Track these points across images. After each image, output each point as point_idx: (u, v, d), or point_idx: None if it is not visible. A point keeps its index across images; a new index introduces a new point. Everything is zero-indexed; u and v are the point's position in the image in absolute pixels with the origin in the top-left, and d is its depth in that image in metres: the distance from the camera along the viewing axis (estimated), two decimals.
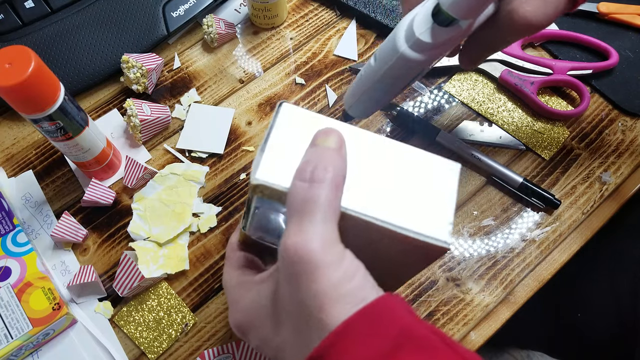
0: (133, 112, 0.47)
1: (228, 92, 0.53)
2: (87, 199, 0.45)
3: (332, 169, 0.26)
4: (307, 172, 0.26)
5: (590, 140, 0.49)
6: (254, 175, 0.29)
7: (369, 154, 0.30)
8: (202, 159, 0.49)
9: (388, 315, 0.25)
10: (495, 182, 0.48)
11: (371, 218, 0.28)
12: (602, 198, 0.47)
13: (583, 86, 0.50)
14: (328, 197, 0.26)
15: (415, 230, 0.28)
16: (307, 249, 0.25)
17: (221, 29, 0.53)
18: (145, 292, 0.44)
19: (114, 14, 0.53)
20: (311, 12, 0.57)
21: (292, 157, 0.29)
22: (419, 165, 0.30)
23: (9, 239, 0.44)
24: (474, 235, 0.46)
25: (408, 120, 0.49)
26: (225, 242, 0.46)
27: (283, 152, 0.29)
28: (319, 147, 0.27)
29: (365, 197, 0.29)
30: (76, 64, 0.51)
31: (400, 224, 0.28)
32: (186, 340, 0.43)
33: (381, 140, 0.30)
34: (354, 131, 0.30)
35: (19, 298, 0.41)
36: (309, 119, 0.30)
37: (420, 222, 0.28)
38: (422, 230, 0.28)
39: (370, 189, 0.29)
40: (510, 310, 0.43)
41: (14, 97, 0.36)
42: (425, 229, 0.28)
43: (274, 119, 0.30)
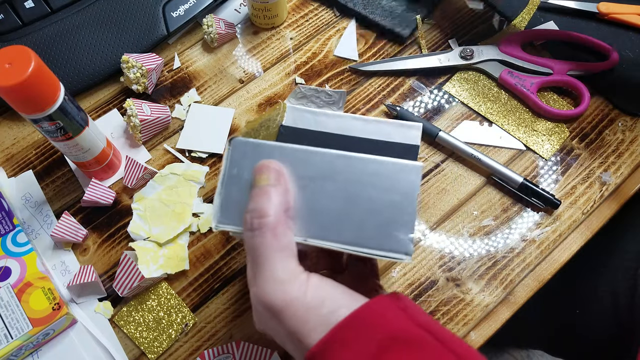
0: (133, 112, 0.47)
1: (228, 92, 0.53)
2: (87, 199, 0.45)
3: (270, 212, 0.27)
4: (247, 222, 0.28)
5: (590, 140, 0.49)
6: (214, 222, 0.29)
7: (322, 173, 0.29)
8: (202, 159, 0.49)
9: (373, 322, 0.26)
10: (495, 182, 0.48)
11: (328, 244, 0.28)
12: (602, 198, 0.47)
13: (583, 86, 0.50)
14: (269, 242, 0.27)
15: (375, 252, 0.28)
16: (266, 298, 0.27)
17: (221, 29, 0.53)
18: (145, 292, 0.44)
19: (114, 14, 0.53)
20: (311, 12, 0.57)
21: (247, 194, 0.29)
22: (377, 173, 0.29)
23: (9, 239, 0.44)
24: (474, 235, 0.46)
25: (408, 120, 0.49)
26: (225, 242, 0.46)
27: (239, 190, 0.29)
28: (256, 189, 0.28)
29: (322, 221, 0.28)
30: (76, 64, 0.51)
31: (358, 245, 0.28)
32: (186, 340, 0.43)
33: (336, 156, 0.29)
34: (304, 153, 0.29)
35: (19, 298, 0.41)
36: (261, 149, 0.30)
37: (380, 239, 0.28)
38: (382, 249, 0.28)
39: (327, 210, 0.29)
40: (510, 310, 0.43)
41: (14, 97, 0.36)
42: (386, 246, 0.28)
43: (226, 157, 0.30)
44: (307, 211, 0.29)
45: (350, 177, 0.29)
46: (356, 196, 0.29)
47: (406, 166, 0.29)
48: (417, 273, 0.45)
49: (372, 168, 0.29)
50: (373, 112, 0.51)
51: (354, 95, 0.52)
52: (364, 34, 0.56)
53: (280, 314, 0.26)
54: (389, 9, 0.55)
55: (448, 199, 0.47)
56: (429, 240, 0.46)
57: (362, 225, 0.28)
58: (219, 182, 0.30)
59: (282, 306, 0.26)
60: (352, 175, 0.29)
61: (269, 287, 0.27)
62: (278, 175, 0.29)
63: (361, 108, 0.51)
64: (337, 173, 0.29)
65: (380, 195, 0.28)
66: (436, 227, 0.46)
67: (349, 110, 0.51)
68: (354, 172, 0.29)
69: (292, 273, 0.27)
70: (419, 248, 0.45)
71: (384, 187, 0.28)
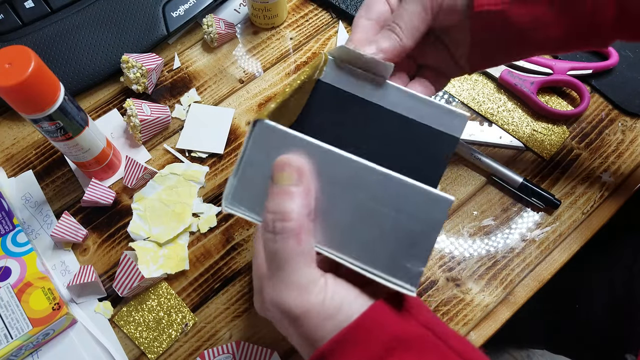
0: (133, 112, 0.47)
1: (228, 92, 0.53)
2: (87, 199, 0.45)
3: (293, 215, 0.26)
4: (269, 224, 0.27)
5: (590, 140, 0.49)
6: (224, 202, 0.28)
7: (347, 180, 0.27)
8: (202, 159, 0.49)
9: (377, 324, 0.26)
10: (495, 182, 0.48)
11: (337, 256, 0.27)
12: (602, 198, 0.47)
13: (583, 86, 0.50)
14: (292, 248, 0.26)
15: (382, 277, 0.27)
16: (283, 303, 0.26)
17: (221, 29, 0.53)
18: (145, 292, 0.44)
19: (114, 14, 0.53)
20: (311, 12, 0.57)
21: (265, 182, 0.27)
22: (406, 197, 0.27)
23: (9, 239, 0.44)
24: (474, 235, 0.46)
25: None
26: (225, 242, 0.46)
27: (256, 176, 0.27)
28: (276, 187, 0.27)
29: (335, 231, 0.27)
30: (76, 64, 0.51)
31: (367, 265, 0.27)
32: (186, 340, 0.43)
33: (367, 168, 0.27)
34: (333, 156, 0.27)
35: (19, 298, 0.41)
36: (285, 138, 0.27)
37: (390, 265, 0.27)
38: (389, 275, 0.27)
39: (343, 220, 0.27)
40: (510, 310, 0.43)
41: (14, 97, 0.36)
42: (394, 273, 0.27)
43: (247, 138, 0.28)
44: (323, 217, 0.27)
45: (376, 194, 0.27)
46: (377, 215, 0.27)
47: (437, 199, 0.26)
48: None
49: (401, 191, 0.27)
50: None
51: None
52: None
53: (298, 320, 0.26)
54: None
55: None
56: None
57: (376, 247, 0.27)
58: (236, 162, 0.28)
59: (300, 313, 0.26)
60: (378, 193, 0.27)
61: (288, 293, 0.26)
62: (300, 175, 0.27)
63: None
64: (363, 186, 0.27)
65: (401, 221, 0.27)
66: None
67: None
68: (382, 189, 0.27)
69: (312, 279, 0.27)
70: None
71: (409, 213, 0.27)
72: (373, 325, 0.26)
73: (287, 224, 0.26)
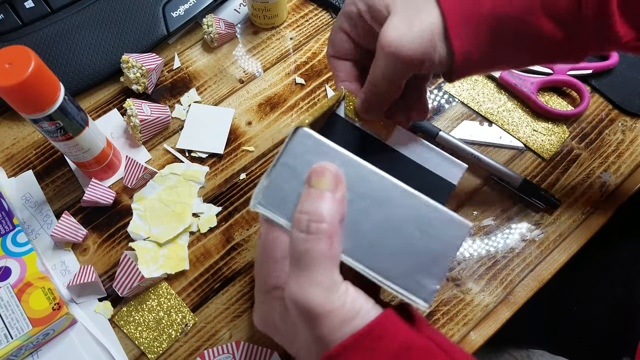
0: (133, 112, 0.47)
1: (228, 92, 0.53)
2: (87, 199, 0.45)
3: (327, 218, 0.27)
4: (302, 223, 0.27)
5: (590, 140, 0.49)
6: (253, 201, 0.29)
7: (374, 194, 0.28)
8: (202, 159, 0.49)
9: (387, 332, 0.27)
10: (495, 182, 0.48)
11: (362, 269, 0.29)
12: (602, 198, 0.47)
13: (583, 86, 0.50)
14: (323, 250, 0.27)
15: (400, 291, 0.28)
16: (307, 301, 0.26)
17: (221, 29, 0.53)
18: (145, 292, 0.44)
19: (114, 14, 0.53)
20: (311, 12, 0.57)
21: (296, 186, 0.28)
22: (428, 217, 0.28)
23: (9, 239, 0.44)
24: (474, 235, 0.46)
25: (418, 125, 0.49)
26: (225, 242, 0.46)
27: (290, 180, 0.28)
28: (313, 190, 0.28)
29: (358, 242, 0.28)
30: (76, 64, 0.51)
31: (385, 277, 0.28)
32: (186, 340, 0.43)
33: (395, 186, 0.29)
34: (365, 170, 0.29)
35: (19, 298, 0.41)
36: (322, 148, 0.29)
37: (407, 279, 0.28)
38: (406, 288, 0.28)
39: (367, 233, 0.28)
40: (510, 310, 0.43)
41: (14, 97, 0.36)
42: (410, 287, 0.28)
43: (287, 143, 0.29)
44: (348, 227, 0.28)
45: (401, 212, 0.28)
46: (399, 230, 0.28)
47: (458, 222, 0.28)
48: None
49: (426, 212, 0.28)
50: None
51: None
52: None
53: (318, 320, 0.27)
54: None
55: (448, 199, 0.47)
56: None
57: (396, 261, 0.28)
58: (271, 165, 0.29)
59: (322, 313, 0.26)
60: (403, 211, 0.28)
61: (313, 292, 0.26)
62: (337, 182, 0.28)
63: None
64: (390, 202, 0.28)
65: (422, 239, 0.28)
66: None
67: None
68: (407, 207, 0.28)
69: (336, 283, 0.27)
70: None
71: (429, 232, 0.28)
72: (382, 333, 0.27)
73: (321, 226, 0.27)
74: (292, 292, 0.27)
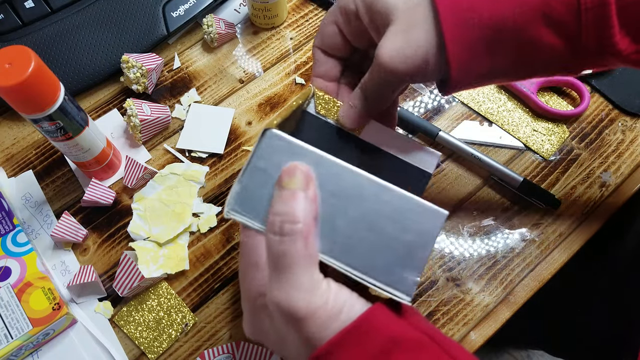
0: (133, 112, 0.47)
1: (228, 92, 0.53)
2: (87, 199, 0.45)
3: (301, 218, 0.27)
4: (276, 225, 0.27)
5: (590, 140, 0.49)
6: (227, 208, 0.28)
7: (348, 191, 0.28)
8: (202, 159, 0.49)
9: (375, 326, 0.26)
10: (495, 182, 0.48)
11: (335, 264, 0.28)
12: (602, 198, 0.47)
13: (583, 86, 0.50)
14: (300, 250, 0.27)
15: (380, 286, 0.28)
16: (289, 305, 0.26)
17: (221, 29, 0.53)
18: (145, 292, 0.44)
19: (114, 14, 0.53)
20: (311, 12, 0.57)
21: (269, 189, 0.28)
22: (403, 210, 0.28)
23: (9, 239, 0.44)
24: (474, 235, 0.46)
25: (408, 120, 0.49)
26: (225, 242, 0.46)
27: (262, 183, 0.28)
28: (285, 191, 0.27)
29: (334, 240, 0.28)
30: (76, 64, 0.51)
31: (364, 274, 0.28)
32: (186, 340, 0.43)
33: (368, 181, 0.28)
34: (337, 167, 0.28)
35: (19, 298, 0.41)
36: (294, 149, 0.28)
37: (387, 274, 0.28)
38: (386, 283, 0.28)
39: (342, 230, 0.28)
40: (510, 310, 0.43)
41: (14, 97, 0.36)
42: (390, 282, 0.28)
43: (256, 146, 0.29)
44: (323, 226, 0.28)
45: (375, 206, 0.28)
46: (376, 226, 0.28)
47: (433, 211, 0.28)
48: None
49: (400, 203, 0.28)
50: None
51: None
52: None
53: (303, 321, 0.26)
54: None
55: (448, 199, 0.47)
56: None
57: (373, 256, 0.28)
58: (242, 169, 0.29)
59: (306, 314, 0.26)
60: (377, 205, 0.28)
61: (294, 294, 0.26)
62: (308, 181, 0.28)
63: None
64: (363, 198, 0.28)
65: (399, 232, 0.28)
66: None
67: None
68: (381, 202, 0.28)
69: (316, 282, 0.27)
70: None
71: (405, 225, 0.28)
72: (370, 327, 0.26)
73: (295, 226, 0.27)
74: (273, 297, 0.27)
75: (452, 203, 0.47)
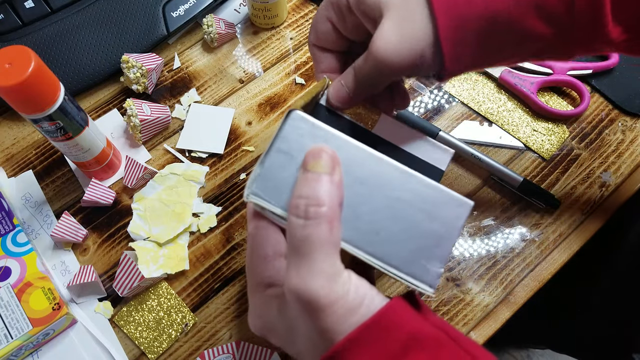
0: (133, 112, 0.47)
1: (228, 92, 0.53)
2: (87, 199, 0.45)
3: (326, 202, 0.26)
4: (300, 208, 0.26)
5: (590, 140, 0.49)
6: (247, 191, 0.27)
7: (372, 178, 0.27)
8: (202, 159, 0.49)
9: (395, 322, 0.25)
10: (495, 182, 0.48)
11: (358, 252, 0.27)
12: (602, 198, 0.47)
13: (583, 86, 0.50)
14: (324, 235, 0.25)
15: (403, 277, 0.27)
16: (309, 292, 0.25)
17: (221, 29, 0.53)
18: (145, 292, 0.44)
19: (114, 14, 0.53)
20: (311, 12, 0.57)
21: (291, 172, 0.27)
22: (429, 198, 0.27)
23: (9, 239, 0.44)
24: (474, 235, 0.46)
25: (408, 120, 0.49)
26: (225, 242, 0.46)
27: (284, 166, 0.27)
28: (310, 174, 0.27)
29: (358, 227, 0.27)
30: (76, 64, 0.51)
31: (387, 263, 0.27)
32: (186, 340, 0.43)
33: (395, 168, 0.28)
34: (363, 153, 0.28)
35: (19, 298, 0.41)
36: (317, 132, 0.28)
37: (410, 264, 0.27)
38: (410, 274, 0.27)
39: (366, 218, 0.27)
40: (510, 310, 0.43)
41: (14, 97, 0.36)
42: (414, 272, 0.27)
43: (280, 128, 0.28)
44: (346, 213, 0.27)
45: (400, 194, 0.27)
46: (400, 214, 0.27)
47: (459, 201, 0.28)
48: None
49: (425, 192, 0.27)
50: None
51: None
52: None
53: (322, 310, 0.25)
54: None
55: None
56: None
57: (397, 245, 0.27)
58: (264, 153, 0.28)
59: (326, 303, 0.25)
60: (402, 192, 0.27)
61: (315, 281, 0.25)
62: (334, 164, 0.27)
63: None
64: (388, 185, 0.27)
65: (424, 221, 0.27)
66: None
67: None
68: (406, 190, 0.27)
69: (338, 270, 0.26)
70: None
71: (430, 214, 0.27)
72: (389, 323, 0.25)
73: (320, 209, 0.25)
74: (292, 284, 0.25)
75: None
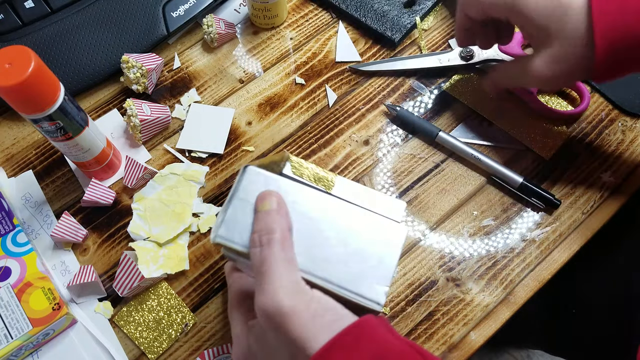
0: (133, 112, 0.47)
1: (228, 92, 0.53)
2: (87, 199, 0.45)
3: (276, 229, 0.30)
4: (256, 240, 0.31)
5: (590, 140, 0.49)
6: (213, 235, 0.32)
7: (319, 212, 0.32)
8: (202, 159, 0.49)
9: (368, 333, 0.28)
10: (495, 182, 0.48)
11: (317, 280, 0.31)
12: (602, 198, 0.47)
13: (583, 86, 0.50)
14: (279, 254, 0.30)
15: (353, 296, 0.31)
16: (273, 304, 0.28)
17: (221, 29, 0.53)
18: (145, 292, 0.44)
19: (114, 14, 0.53)
20: (311, 12, 0.57)
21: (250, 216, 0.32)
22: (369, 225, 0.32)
23: (9, 239, 0.44)
24: (474, 235, 0.46)
25: (408, 120, 0.50)
26: None
27: (244, 211, 0.32)
28: (260, 213, 0.31)
29: (310, 255, 0.31)
30: (76, 64, 0.51)
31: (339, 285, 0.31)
32: (186, 340, 0.43)
33: (336, 202, 0.33)
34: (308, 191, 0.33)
35: (19, 298, 0.41)
36: (270, 181, 0.33)
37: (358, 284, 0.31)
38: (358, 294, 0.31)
39: (319, 248, 0.32)
40: (510, 310, 0.43)
41: (14, 97, 0.36)
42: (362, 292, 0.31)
43: (238, 180, 0.33)
44: (299, 244, 0.31)
45: (344, 223, 0.32)
46: (346, 241, 0.32)
47: (394, 225, 0.33)
48: (417, 273, 0.45)
49: (366, 220, 0.33)
50: (373, 112, 0.51)
51: (354, 96, 0.52)
52: (358, 37, 0.55)
53: (286, 319, 0.28)
54: (381, 13, 0.55)
55: (448, 199, 0.47)
56: (429, 240, 0.46)
57: (346, 268, 0.31)
58: (226, 201, 0.33)
59: (289, 312, 0.28)
60: (346, 222, 0.32)
61: (277, 293, 0.28)
62: (279, 201, 0.32)
63: (361, 108, 0.51)
64: (333, 216, 0.32)
65: (367, 245, 0.32)
66: (436, 227, 0.46)
67: (350, 110, 0.51)
68: (349, 219, 0.32)
69: (298, 284, 0.29)
70: (419, 248, 0.45)
71: (373, 239, 0.32)
72: (362, 334, 0.28)
73: (272, 236, 0.30)
74: (259, 302, 0.29)
75: (452, 203, 0.47)
